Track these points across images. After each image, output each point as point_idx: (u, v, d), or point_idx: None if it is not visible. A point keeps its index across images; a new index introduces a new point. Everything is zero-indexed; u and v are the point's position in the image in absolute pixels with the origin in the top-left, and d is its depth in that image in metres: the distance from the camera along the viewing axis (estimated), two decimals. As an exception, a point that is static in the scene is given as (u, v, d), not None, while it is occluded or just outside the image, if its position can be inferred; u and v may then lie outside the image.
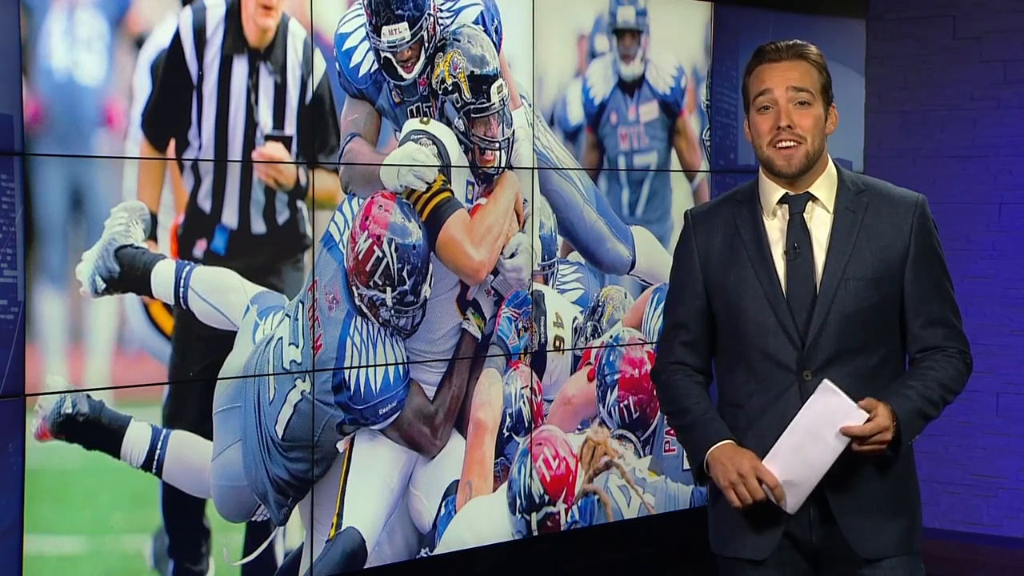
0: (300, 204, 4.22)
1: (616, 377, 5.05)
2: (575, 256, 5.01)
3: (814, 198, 2.73)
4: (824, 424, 2.57)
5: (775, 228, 2.74)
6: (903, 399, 2.65)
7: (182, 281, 3.96)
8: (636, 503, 5.10)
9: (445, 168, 4.47)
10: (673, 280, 2.88)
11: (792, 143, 2.68)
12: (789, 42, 2.73)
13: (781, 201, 2.74)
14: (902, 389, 2.67)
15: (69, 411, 3.75)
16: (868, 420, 2.58)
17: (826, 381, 2.59)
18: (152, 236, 3.92)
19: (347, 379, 4.30)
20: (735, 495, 2.63)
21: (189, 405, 4.02)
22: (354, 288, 4.31)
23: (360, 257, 4.30)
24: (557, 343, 4.92)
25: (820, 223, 2.73)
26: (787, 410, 2.67)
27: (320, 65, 4.25)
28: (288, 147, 4.18)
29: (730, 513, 2.72)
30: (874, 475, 2.68)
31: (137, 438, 3.90)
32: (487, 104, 4.53)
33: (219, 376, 4.07)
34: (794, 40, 2.74)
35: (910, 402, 2.65)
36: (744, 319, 2.72)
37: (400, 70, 4.37)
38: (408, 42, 4.36)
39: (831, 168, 2.77)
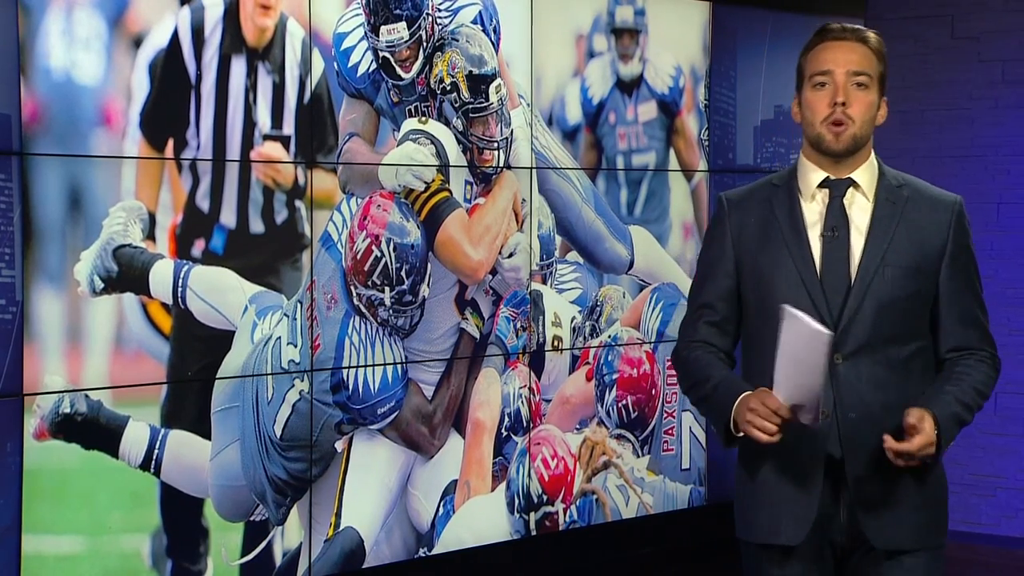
0: (298, 204, 4.22)
1: (614, 377, 5.04)
2: (573, 256, 5.01)
3: (855, 184, 2.72)
4: (801, 349, 2.53)
5: (813, 211, 2.72)
6: (943, 405, 2.62)
7: (180, 281, 3.96)
8: (634, 503, 5.10)
9: (443, 168, 4.47)
10: (702, 262, 2.85)
11: (843, 124, 2.67)
12: (853, 26, 2.73)
13: (821, 185, 2.73)
14: (941, 395, 2.65)
15: (67, 411, 3.75)
16: (914, 436, 2.55)
17: (785, 306, 2.54)
18: (150, 236, 3.91)
19: (345, 379, 4.30)
20: (758, 432, 2.58)
21: (187, 405, 4.02)
22: (352, 288, 4.31)
23: (358, 257, 4.30)
24: (555, 343, 4.92)
25: (860, 209, 2.71)
26: None
27: (318, 65, 4.25)
28: (286, 147, 4.17)
29: (762, 498, 2.70)
30: (897, 469, 2.63)
31: (135, 438, 3.89)
32: (485, 104, 4.53)
33: (217, 376, 4.07)
34: (858, 25, 2.75)
35: (949, 408, 2.63)
36: (776, 299, 2.67)
37: (398, 70, 4.37)
38: (406, 42, 4.36)
39: (873, 159, 2.76)
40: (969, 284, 2.75)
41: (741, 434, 2.65)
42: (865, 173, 2.73)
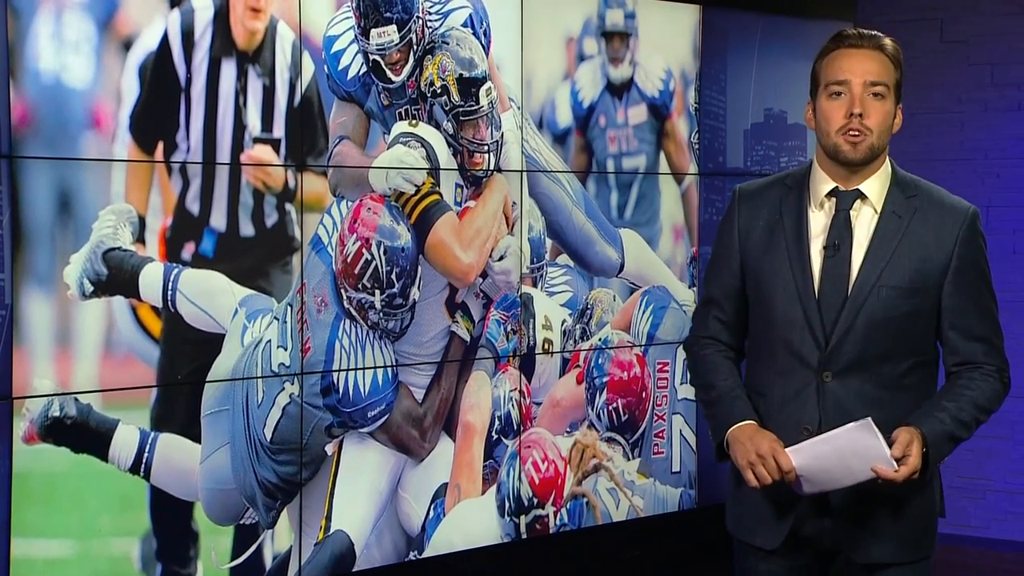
0: (288, 207, 4.21)
1: (605, 380, 5.05)
2: (564, 259, 5.01)
3: (863, 196, 2.69)
4: (853, 455, 2.54)
5: (819, 222, 2.70)
6: (935, 422, 2.60)
7: (170, 284, 3.96)
8: (625, 506, 5.10)
9: (434, 171, 4.47)
10: (713, 254, 2.85)
11: (860, 133, 2.64)
12: (870, 32, 2.71)
13: (830, 195, 2.70)
14: (935, 411, 2.63)
15: (57, 414, 3.74)
16: (901, 466, 2.53)
17: (869, 420, 2.53)
18: (140, 239, 3.91)
19: (335, 382, 4.29)
20: (752, 475, 2.60)
21: (177, 408, 4.01)
22: (343, 291, 4.31)
23: (349, 260, 4.30)
24: (546, 346, 4.92)
25: (865, 222, 2.69)
26: (804, 408, 2.65)
27: (308, 68, 4.24)
28: (276, 150, 4.17)
29: (746, 499, 2.71)
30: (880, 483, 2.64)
31: (125, 441, 3.89)
32: (476, 107, 4.53)
33: (207, 379, 4.06)
34: (874, 31, 2.72)
35: (942, 426, 2.61)
36: (773, 309, 2.69)
37: (389, 73, 4.37)
38: (397, 45, 4.36)
39: (887, 167, 2.73)
40: (975, 298, 2.70)
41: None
42: (876, 183, 2.70)
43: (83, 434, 3.81)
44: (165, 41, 3.92)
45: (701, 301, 2.87)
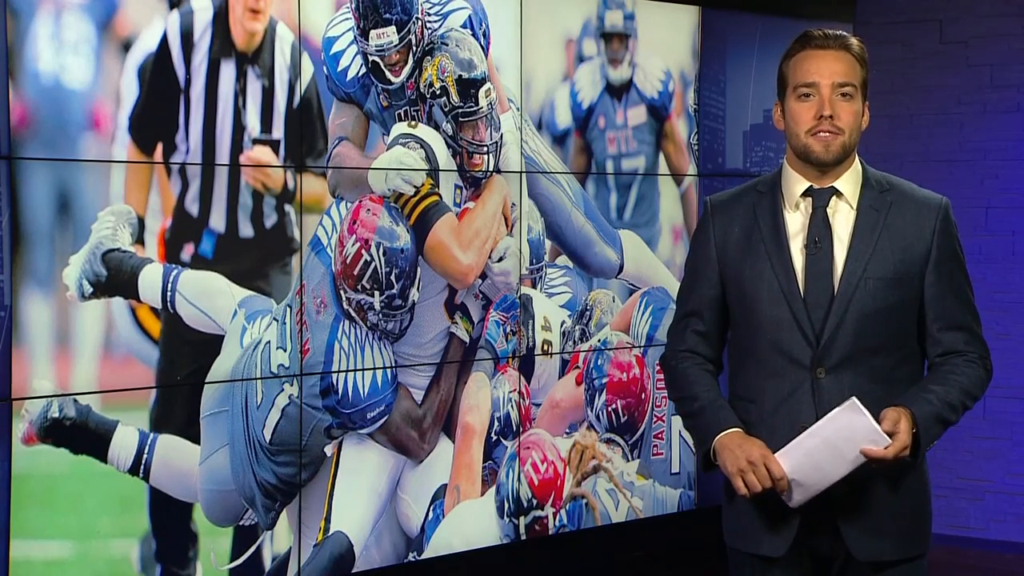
0: (288, 208, 4.21)
1: (604, 381, 5.05)
2: (563, 260, 5.01)
3: (839, 193, 2.70)
4: (844, 440, 2.53)
5: (796, 221, 2.70)
6: (924, 404, 2.61)
7: (169, 285, 3.96)
8: (624, 507, 5.10)
9: (433, 172, 4.47)
10: (688, 267, 2.84)
11: (831, 133, 2.65)
12: (835, 32, 2.70)
13: (805, 194, 2.71)
14: (923, 393, 2.64)
15: (56, 415, 3.74)
16: (890, 444, 2.53)
17: (854, 399, 2.53)
18: (139, 240, 3.91)
19: (335, 383, 4.30)
20: (742, 483, 2.58)
21: (176, 409, 4.01)
22: (342, 292, 4.31)
23: (348, 261, 4.30)
24: (545, 347, 4.92)
25: (842, 219, 2.69)
26: (800, 407, 2.64)
27: (308, 69, 4.24)
28: (276, 151, 4.17)
29: (746, 508, 2.69)
30: (878, 478, 2.64)
31: (124, 442, 3.89)
32: (475, 108, 4.54)
33: (207, 380, 4.06)
34: (839, 31, 2.72)
35: (930, 407, 2.61)
36: (758, 312, 2.68)
37: (388, 74, 4.37)
38: (396, 46, 4.36)
39: (857, 164, 2.74)
40: (955, 288, 2.72)
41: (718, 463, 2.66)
42: (849, 180, 2.71)
43: (82, 435, 3.81)
44: (164, 42, 3.93)
45: (677, 316, 2.84)
